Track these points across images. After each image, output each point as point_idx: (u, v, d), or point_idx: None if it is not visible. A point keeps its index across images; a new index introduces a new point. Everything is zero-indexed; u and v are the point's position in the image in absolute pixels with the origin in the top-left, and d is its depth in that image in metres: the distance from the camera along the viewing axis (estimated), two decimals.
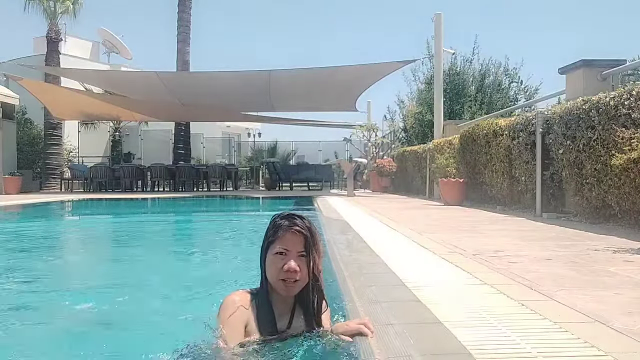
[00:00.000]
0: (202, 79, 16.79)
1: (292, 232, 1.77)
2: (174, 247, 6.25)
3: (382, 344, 1.78)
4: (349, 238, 4.79)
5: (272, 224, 1.86)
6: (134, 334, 2.45)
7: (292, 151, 27.37)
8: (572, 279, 2.83)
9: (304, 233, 1.77)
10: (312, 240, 1.78)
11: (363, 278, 2.89)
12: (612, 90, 6.06)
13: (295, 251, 1.77)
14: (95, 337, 2.46)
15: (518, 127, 7.53)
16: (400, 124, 19.60)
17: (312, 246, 1.78)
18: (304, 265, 1.77)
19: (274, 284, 1.81)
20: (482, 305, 2.23)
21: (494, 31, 66.65)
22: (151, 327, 2.54)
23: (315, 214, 8.43)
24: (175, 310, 2.82)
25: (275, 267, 1.79)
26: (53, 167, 18.89)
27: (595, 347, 1.69)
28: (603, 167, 5.45)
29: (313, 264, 1.77)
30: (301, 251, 1.77)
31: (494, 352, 1.68)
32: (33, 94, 17.15)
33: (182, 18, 19.71)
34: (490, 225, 6.03)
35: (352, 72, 15.01)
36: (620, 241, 4.35)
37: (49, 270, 4.40)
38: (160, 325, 2.56)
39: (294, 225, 1.78)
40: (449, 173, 9.90)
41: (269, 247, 1.83)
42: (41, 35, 19.57)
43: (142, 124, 23.50)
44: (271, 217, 1.91)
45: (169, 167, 18.46)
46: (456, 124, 13.01)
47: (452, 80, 17.46)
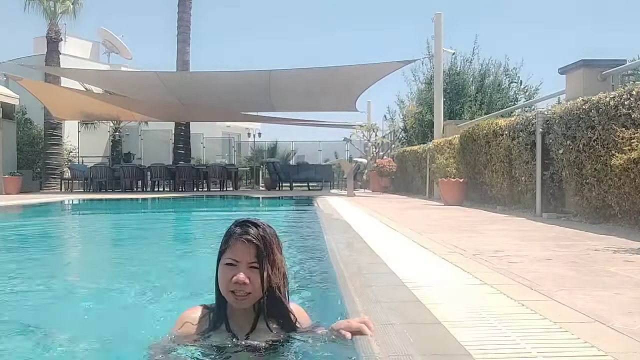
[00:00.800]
0: (202, 79, 16.81)
1: (242, 242, 1.63)
2: (169, 246, 6.26)
3: (382, 344, 1.78)
4: (349, 238, 4.79)
5: (226, 231, 1.73)
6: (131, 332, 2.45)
7: (292, 151, 27.37)
8: (572, 279, 2.83)
9: (254, 242, 1.63)
10: (265, 251, 1.64)
11: (363, 278, 2.89)
12: (612, 90, 6.06)
13: (246, 262, 1.63)
14: (95, 334, 2.46)
15: (518, 127, 7.53)
16: (400, 124, 19.60)
17: (265, 257, 1.63)
18: (256, 277, 1.62)
19: (225, 296, 1.67)
20: (482, 305, 2.23)
21: (494, 31, 66.64)
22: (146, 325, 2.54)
23: (315, 214, 8.44)
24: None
25: (225, 278, 1.66)
26: (53, 167, 18.89)
27: (595, 347, 1.69)
28: (603, 167, 5.45)
29: (267, 276, 1.62)
30: (252, 262, 1.63)
31: (494, 352, 1.68)
32: (33, 94, 17.15)
33: (182, 18, 19.71)
34: (490, 225, 6.03)
35: (352, 72, 15.01)
36: (620, 241, 4.35)
37: (47, 268, 4.40)
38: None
39: (245, 233, 1.64)
40: (449, 173, 9.90)
41: (221, 257, 1.70)
42: (41, 35, 19.58)
43: (142, 124, 23.51)
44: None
45: (169, 167, 18.47)
46: (456, 124, 13.01)
47: (452, 80, 17.46)
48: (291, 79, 15.91)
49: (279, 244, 1.69)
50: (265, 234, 1.65)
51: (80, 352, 2.23)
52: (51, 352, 2.27)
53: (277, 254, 1.66)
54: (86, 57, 25.47)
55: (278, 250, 1.67)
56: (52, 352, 2.27)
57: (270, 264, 1.62)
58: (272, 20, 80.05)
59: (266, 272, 1.61)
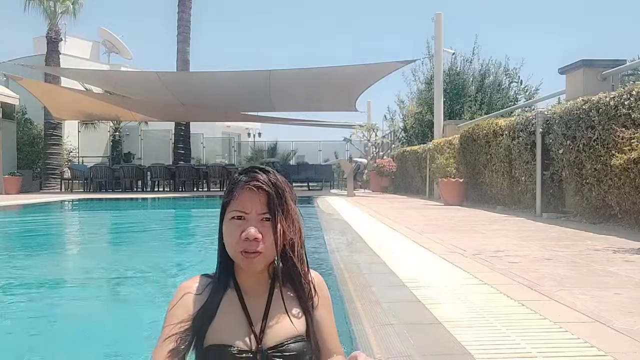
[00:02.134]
0: (202, 79, 16.80)
1: (249, 189, 1.33)
2: (167, 242, 6.26)
3: (382, 344, 1.78)
4: (349, 238, 4.79)
5: (229, 181, 1.44)
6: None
7: (292, 151, 27.37)
8: (572, 279, 2.83)
9: (264, 189, 1.33)
10: (278, 199, 1.34)
11: (363, 278, 2.89)
12: (612, 90, 6.06)
13: (256, 213, 1.33)
14: (94, 330, 2.46)
15: (518, 127, 7.53)
16: (400, 124, 19.60)
17: (277, 206, 1.33)
18: (269, 231, 1.33)
19: (234, 257, 1.37)
20: (482, 305, 2.23)
21: (494, 31, 66.66)
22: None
23: (315, 214, 8.43)
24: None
25: (232, 235, 1.34)
26: (53, 167, 18.89)
27: (595, 347, 1.69)
28: (603, 167, 5.45)
29: (281, 230, 1.33)
30: (263, 213, 1.33)
31: (494, 352, 1.68)
32: (33, 94, 17.15)
33: (182, 18, 19.71)
34: (490, 225, 6.03)
35: (352, 72, 15.01)
36: (620, 241, 4.35)
37: (46, 267, 4.41)
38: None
39: (253, 179, 1.34)
40: (449, 173, 9.90)
41: (225, 212, 1.39)
42: (41, 35, 19.58)
43: (142, 124, 23.50)
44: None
45: (169, 167, 18.47)
46: (456, 124, 13.01)
47: (452, 80, 17.47)
48: (291, 79, 15.90)
49: (292, 194, 1.42)
50: (277, 180, 1.37)
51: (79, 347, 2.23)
52: (51, 346, 2.28)
53: (292, 205, 1.37)
54: (86, 57, 25.48)
55: (292, 200, 1.39)
56: (52, 347, 2.27)
57: (285, 215, 1.35)
58: (272, 20, 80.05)
59: (280, 225, 1.33)
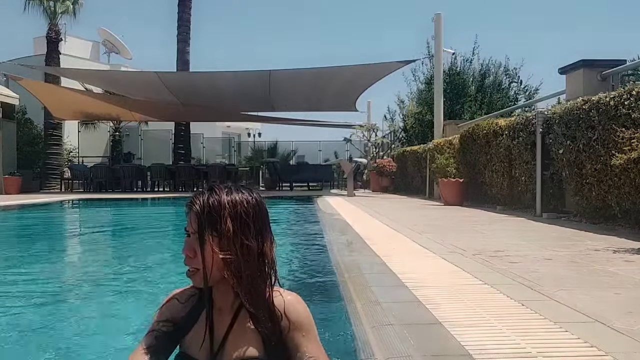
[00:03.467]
0: (202, 79, 16.80)
1: (187, 208, 1.40)
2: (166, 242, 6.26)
3: (382, 344, 1.78)
4: (349, 238, 4.79)
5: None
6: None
7: (292, 151, 27.37)
8: (572, 279, 2.83)
9: (194, 209, 1.36)
10: (208, 219, 1.35)
11: (363, 278, 2.89)
12: (612, 90, 6.06)
13: (192, 232, 1.37)
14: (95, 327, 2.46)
15: (518, 127, 7.53)
16: (400, 124, 19.60)
17: (206, 226, 1.34)
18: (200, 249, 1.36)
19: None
20: (482, 305, 2.23)
21: (494, 31, 66.67)
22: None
23: (315, 214, 8.44)
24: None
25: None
26: (53, 167, 18.89)
27: (595, 347, 1.69)
28: (603, 167, 5.45)
29: (210, 248, 1.34)
30: (195, 232, 1.36)
31: (494, 352, 1.68)
32: (33, 94, 17.15)
33: (182, 18, 19.70)
34: (490, 225, 6.03)
35: (352, 72, 15.01)
36: (620, 241, 4.35)
37: (46, 267, 4.41)
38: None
39: (190, 202, 1.39)
40: (449, 173, 9.90)
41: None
42: (41, 35, 19.57)
43: (142, 124, 23.50)
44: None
45: (169, 167, 18.46)
46: (456, 124, 13.01)
47: (452, 80, 17.46)
48: (291, 79, 15.90)
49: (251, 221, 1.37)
50: (217, 202, 1.36)
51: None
52: (52, 342, 2.28)
53: (232, 226, 1.35)
54: (86, 57, 25.48)
55: (244, 227, 1.36)
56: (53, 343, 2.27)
57: (219, 236, 1.34)
58: (272, 20, 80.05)
59: (208, 245, 1.34)
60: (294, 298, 1.45)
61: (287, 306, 1.41)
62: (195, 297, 1.45)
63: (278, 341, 1.38)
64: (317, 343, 1.41)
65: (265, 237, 1.40)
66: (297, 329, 1.39)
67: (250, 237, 1.36)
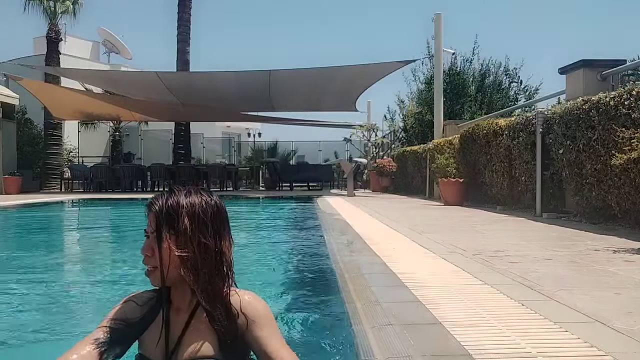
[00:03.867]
0: (202, 79, 16.80)
1: (148, 210, 1.44)
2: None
3: (382, 344, 1.78)
4: (349, 238, 4.79)
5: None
6: None
7: (292, 151, 27.37)
8: (572, 279, 2.83)
9: (152, 209, 1.41)
10: (165, 219, 1.38)
11: (363, 278, 2.89)
12: (612, 90, 6.06)
13: (150, 232, 1.41)
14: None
15: (518, 127, 7.53)
16: (400, 124, 19.60)
17: (164, 225, 1.38)
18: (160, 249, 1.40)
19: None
20: (482, 305, 2.23)
21: (494, 31, 66.70)
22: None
23: (315, 214, 8.44)
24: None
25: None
26: (53, 167, 18.88)
27: (595, 347, 1.69)
28: (603, 167, 5.45)
29: (167, 247, 1.37)
30: (154, 232, 1.40)
31: (494, 352, 1.68)
32: (33, 94, 17.15)
33: (182, 18, 19.70)
34: (490, 225, 6.03)
35: (352, 72, 15.01)
36: (620, 241, 4.35)
37: (45, 267, 4.41)
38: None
39: (150, 203, 1.44)
40: (449, 173, 9.90)
41: None
42: (41, 35, 19.57)
43: (142, 124, 23.50)
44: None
45: (169, 167, 18.46)
46: (456, 124, 13.00)
47: (452, 80, 17.45)
48: (291, 79, 15.90)
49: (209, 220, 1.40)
50: (175, 202, 1.40)
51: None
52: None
53: (189, 225, 1.38)
54: (86, 57, 25.47)
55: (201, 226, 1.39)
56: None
57: (176, 235, 1.37)
58: (272, 20, 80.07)
59: (166, 243, 1.37)
60: (251, 296, 1.47)
61: (243, 304, 1.43)
62: (153, 300, 1.48)
63: (234, 339, 1.40)
64: (278, 337, 1.42)
65: (224, 237, 1.43)
66: (255, 326, 1.41)
67: (208, 236, 1.39)
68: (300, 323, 2.62)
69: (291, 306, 2.97)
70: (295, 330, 2.48)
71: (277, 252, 5.24)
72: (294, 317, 2.70)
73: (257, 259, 4.83)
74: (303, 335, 2.41)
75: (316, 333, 2.42)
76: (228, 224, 1.47)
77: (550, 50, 56.62)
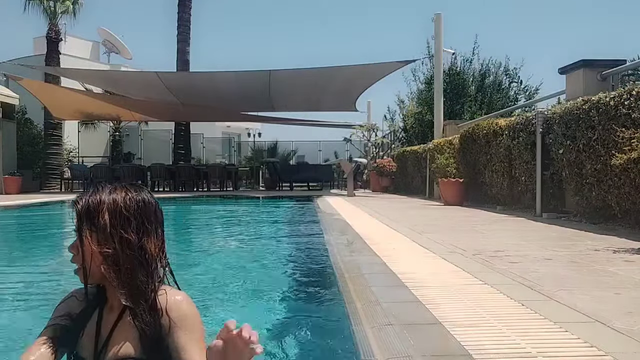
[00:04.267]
0: (202, 79, 16.80)
1: (72, 208, 1.43)
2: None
3: (382, 344, 1.78)
4: (348, 238, 4.79)
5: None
6: None
7: (292, 151, 27.37)
8: (572, 279, 2.83)
9: (75, 207, 1.41)
10: (86, 215, 1.38)
11: (363, 278, 2.89)
12: (612, 90, 6.06)
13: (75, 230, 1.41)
14: None
15: (518, 127, 7.53)
16: (400, 124, 19.60)
17: (84, 220, 1.38)
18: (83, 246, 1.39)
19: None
20: (482, 305, 2.23)
21: (494, 31, 66.70)
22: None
23: (315, 214, 8.43)
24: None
25: None
26: (53, 167, 18.89)
27: (595, 347, 1.69)
28: (603, 167, 5.45)
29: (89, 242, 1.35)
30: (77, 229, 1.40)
31: (494, 352, 1.68)
32: (33, 94, 17.15)
33: (182, 18, 19.71)
34: (490, 225, 6.03)
35: (352, 72, 15.01)
36: (620, 241, 4.35)
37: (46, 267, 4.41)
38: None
39: (74, 201, 1.43)
40: (449, 173, 9.90)
41: None
42: (41, 35, 19.57)
43: (142, 124, 23.51)
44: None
45: (169, 167, 18.46)
46: (456, 124, 13.00)
47: (452, 80, 17.46)
48: (291, 79, 15.90)
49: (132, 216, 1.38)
50: (97, 199, 1.39)
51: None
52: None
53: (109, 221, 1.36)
54: (86, 57, 25.47)
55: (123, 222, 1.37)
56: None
57: (97, 230, 1.36)
58: (272, 20, 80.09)
59: (87, 240, 1.36)
60: (181, 297, 1.42)
61: (169, 304, 1.38)
62: (92, 296, 1.45)
63: (156, 339, 1.36)
64: (198, 345, 1.36)
65: (149, 233, 1.40)
66: (178, 328, 1.36)
67: (130, 231, 1.37)
68: (300, 323, 2.62)
69: (291, 306, 2.97)
70: (295, 330, 2.48)
71: (277, 252, 5.24)
72: (294, 317, 2.70)
73: (257, 259, 4.83)
74: (303, 335, 2.41)
75: (316, 333, 2.42)
76: (157, 221, 1.44)
77: (550, 50, 56.64)
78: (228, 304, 3.09)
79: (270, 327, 2.50)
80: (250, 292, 3.42)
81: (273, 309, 2.91)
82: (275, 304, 3.04)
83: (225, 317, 2.76)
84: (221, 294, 3.32)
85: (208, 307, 2.84)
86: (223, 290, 3.45)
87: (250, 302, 3.13)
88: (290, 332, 2.45)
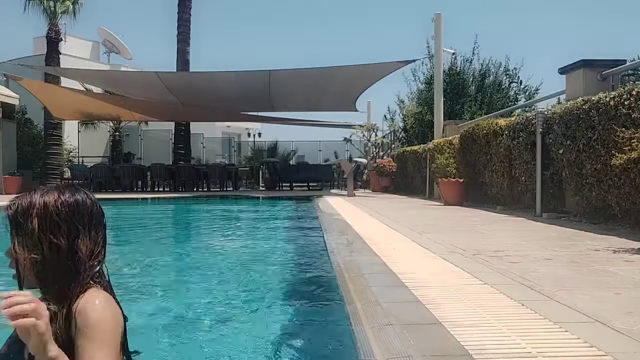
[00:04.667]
0: (202, 79, 16.80)
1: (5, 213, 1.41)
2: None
3: (382, 344, 1.78)
4: (349, 238, 4.79)
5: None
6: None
7: (292, 151, 27.37)
8: (572, 279, 2.83)
9: (6, 212, 1.39)
10: (14, 220, 1.36)
11: (363, 278, 2.89)
12: (612, 90, 6.06)
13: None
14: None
15: (518, 127, 7.53)
16: (400, 124, 19.60)
17: (14, 225, 1.36)
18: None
19: None
20: (482, 305, 2.23)
21: (494, 31, 66.72)
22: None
23: (315, 214, 8.43)
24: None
25: None
26: (53, 167, 18.89)
27: (595, 347, 1.69)
28: (603, 167, 5.45)
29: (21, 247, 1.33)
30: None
31: (494, 352, 1.68)
32: (33, 94, 17.15)
33: (182, 18, 19.71)
34: (490, 225, 6.03)
35: (352, 72, 15.01)
36: (620, 241, 4.35)
37: None
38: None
39: (7, 206, 1.41)
40: (449, 173, 9.90)
41: None
42: (41, 35, 19.58)
43: (142, 124, 23.51)
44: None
45: (169, 167, 18.46)
46: (456, 124, 12.99)
47: (452, 80, 17.45)
48: (291, 79, 15.90)
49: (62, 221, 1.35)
50: (28, 202, 1.38)
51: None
52: None
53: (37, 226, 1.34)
54: (86, 57, 25.47)
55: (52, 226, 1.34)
56: None
57: (25, 235, 1.34)
58: (272, 20, 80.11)
59: (17, 245, 1.34)
60: (100, 301, 1.34)
61: (79, 308, 1.31)
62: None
63: (66, 343, 1.29)
64: (96, 355, 1.26)
65: (81, 236, 1.37)
66: (79, 333, 1.29)
67: (60, 236, 1.35)
68: (300, 323, 2.62)
69: (291, 306, 2.97)
70: (295, 330, 2.48)
71: (277, 252, 5.25)
72: (294, 317, 2.70)
73: (257, 259, 4.83)
74: (303, 335, 2.41)
75: (316, 333, 2.42)
76: (92, 220, 1.41)
77: (550, 50, 56.62)
78: (228, 304, 3.09)
79: (270, 327, 2.50)
80: (249, 292, 3.43)
81: (273, 309, 2.91)
82: (275, 304, 3.04)
83: (226, 317, 2.76)
84: (221, 294, 3.32)
85: (207, 307, 2.84)
86: (223, 290, 3.45)
87: (250, 302, 3.13)
88: (290, 332, 2.45)
